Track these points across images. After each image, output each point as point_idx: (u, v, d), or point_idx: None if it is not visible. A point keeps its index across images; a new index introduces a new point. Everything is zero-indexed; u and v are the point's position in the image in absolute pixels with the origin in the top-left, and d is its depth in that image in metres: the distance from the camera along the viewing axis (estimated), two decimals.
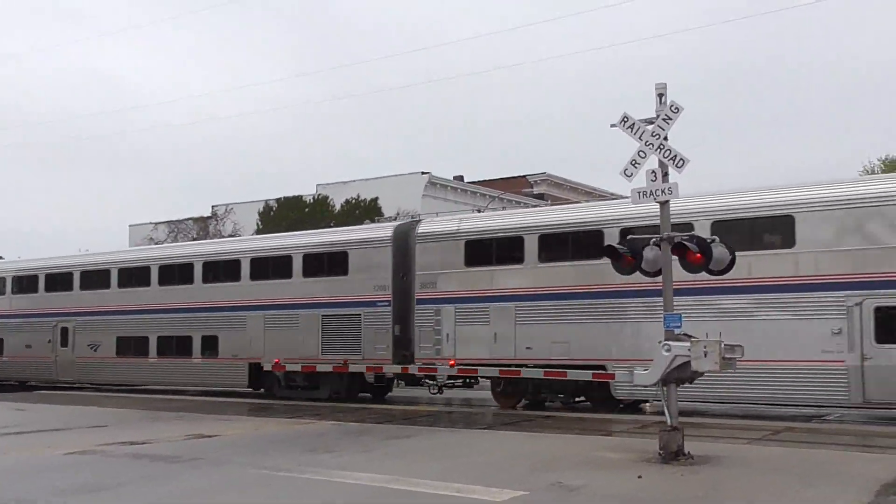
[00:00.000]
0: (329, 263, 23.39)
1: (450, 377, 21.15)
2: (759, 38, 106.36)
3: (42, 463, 12.36)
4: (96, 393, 27.48)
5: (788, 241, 17.10)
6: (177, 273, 26.58)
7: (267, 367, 23.80)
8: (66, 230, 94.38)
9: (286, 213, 46.69)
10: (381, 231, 23.49)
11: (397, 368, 21.69)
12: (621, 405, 19.31)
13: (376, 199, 46.38)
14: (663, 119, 12.03)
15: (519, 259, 20.28)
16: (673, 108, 12.03)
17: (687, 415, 14.54)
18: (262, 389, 24.87)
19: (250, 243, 26.86)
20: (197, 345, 25.62)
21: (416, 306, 21.52)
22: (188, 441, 14.66)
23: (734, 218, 17.54)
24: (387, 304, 22.02)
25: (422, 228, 22.24)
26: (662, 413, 11.86)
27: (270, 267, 24.48)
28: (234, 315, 24.73)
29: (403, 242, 22.20)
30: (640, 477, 10.31)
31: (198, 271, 26.02)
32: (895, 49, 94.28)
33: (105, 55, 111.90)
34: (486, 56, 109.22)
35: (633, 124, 12.27)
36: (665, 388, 11.83)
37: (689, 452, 11.45)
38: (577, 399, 20.10)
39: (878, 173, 43.30)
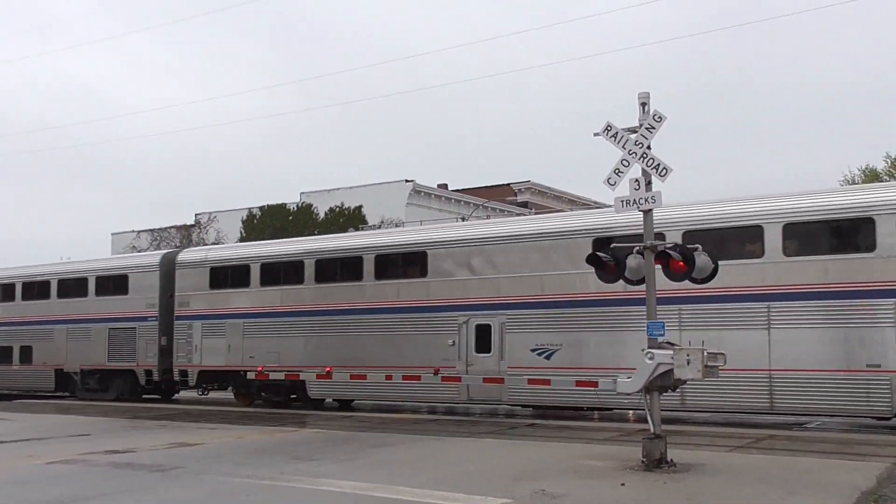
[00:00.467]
0: (114, 285, 27.82)
1: (201, 378, 25.38)
2: (745, 48, 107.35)
3: (24, 473, 12.26)
4: (79, 402, 27.42)
5: (424, 272, 21.48)
6: (0, 292, 31.09)
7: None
8: (48, 238, 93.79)
9: (270, 221, 46.60)
10: (151, 258, 28.37)
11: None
12: (324, 402, 24.23)
13: (360, 207, 46.37)
14: (646, 128, 12.10)
15: (246, 283, 24.61)
16: (656, 118, 12.10)
17: (670, 422, 14.61)
18: (67, 393, 29.29)
19: (58, 268, 30.68)
20: (16, 354, 30.03)
21: (175, 321, 25.86)
22: (171, 450, 14.58)
23: (393, 252, 22.32)
24: (155, 319, 26.56)
25: (181, 257, 26.82)
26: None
27: (72, 288, 28.93)
28: (44, 328, 29.35)
29: (170, 268, 26.56)
30: (623, 485, 10.35)
31: (18, 291, 30.46)
32: (878, 60, 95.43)
33: (83, 66, 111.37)
34: (471, 65, 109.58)
35: (617, 133, 12.34)
36: (648, 396, 11.89)
37: (671, 460, 11.50)
38: (291, 396, 24.12)
39: (857, 183, 43.72)
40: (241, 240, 44.17)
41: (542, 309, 19.41)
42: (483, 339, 20.10)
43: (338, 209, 46.65)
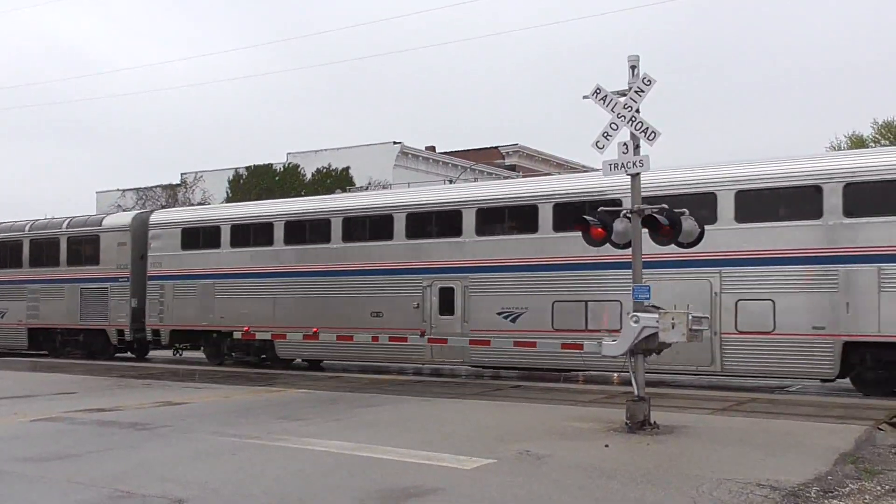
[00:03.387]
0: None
1: None
2: (732, 14, 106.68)
3: (8, 430, 12.27)
4: (65, 361, 27.31)
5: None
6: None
7: None
8: (31, 197, 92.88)
9: (256, 182, 46.36)
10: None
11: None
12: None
13: (347, 168, 46.15)
14: (635, 91, 12.04)
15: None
16: (645, 81, 12.03)
17: (653, 385, 14.75)
18: None
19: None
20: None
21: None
22: (157, 408, 14.62)
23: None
24: None
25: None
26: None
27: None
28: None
29: None
30: (606, 446, 10.47)
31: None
32: (866, 28, 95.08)
33: (64, 23, 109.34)
34: (459, 26, 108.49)
35: (606, 96, 12.27)
36: (633, 359, 11.98)
37: (655, 422, 11.63)
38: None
39: (843, 150, 43.88)
40: (227, 200, 43.87)
41: None
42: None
43: (325, 170, 46.43)
